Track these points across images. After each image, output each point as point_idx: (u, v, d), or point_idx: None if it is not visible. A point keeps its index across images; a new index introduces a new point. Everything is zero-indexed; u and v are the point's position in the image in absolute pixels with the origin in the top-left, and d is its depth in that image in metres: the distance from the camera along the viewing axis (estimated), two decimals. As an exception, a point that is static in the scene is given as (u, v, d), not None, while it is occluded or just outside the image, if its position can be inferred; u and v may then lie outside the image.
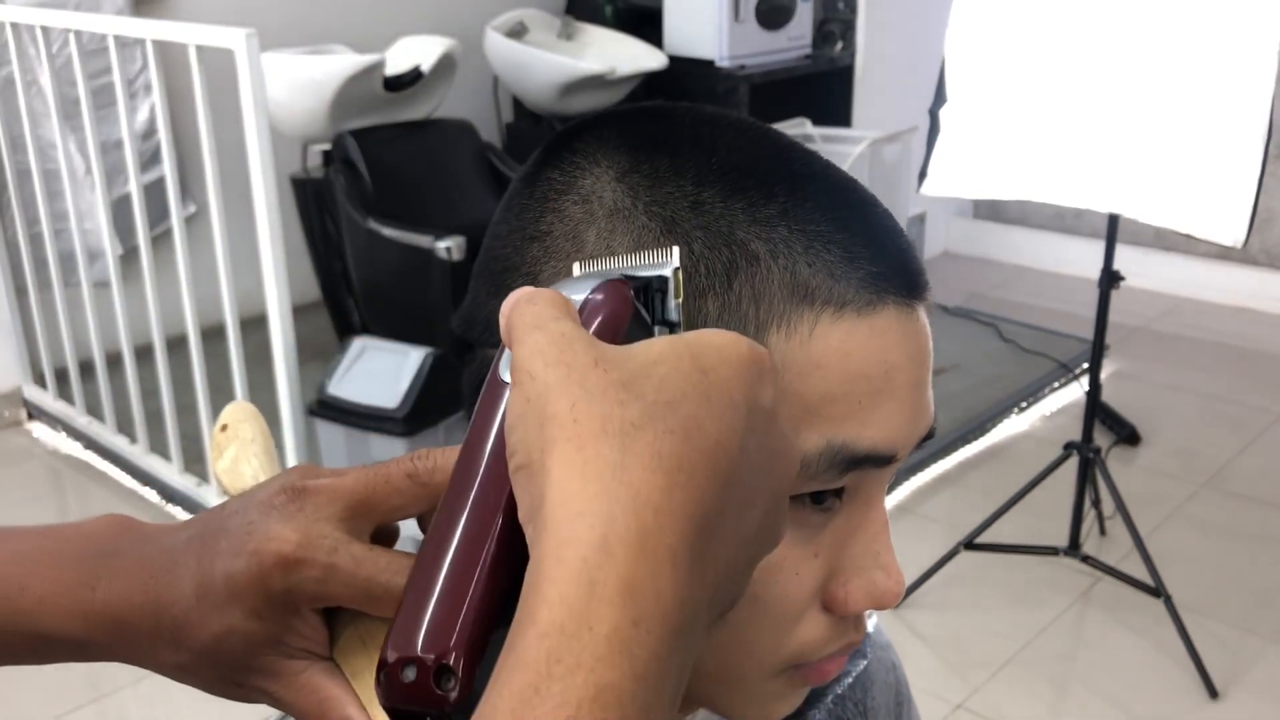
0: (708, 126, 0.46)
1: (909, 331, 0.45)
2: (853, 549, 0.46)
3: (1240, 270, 4.17)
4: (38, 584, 0.48)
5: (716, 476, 0.34)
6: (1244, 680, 2.28)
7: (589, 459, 0.34)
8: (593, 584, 0.32)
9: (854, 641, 0.48)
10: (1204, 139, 1.95)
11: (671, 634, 0.33)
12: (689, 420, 0.35)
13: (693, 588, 0.34)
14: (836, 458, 0.43)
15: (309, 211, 3.45)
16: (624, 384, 0.35)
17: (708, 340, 0.38)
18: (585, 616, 0.32)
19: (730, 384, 0.36)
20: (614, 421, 0.34)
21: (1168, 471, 3.07)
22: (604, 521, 0.33)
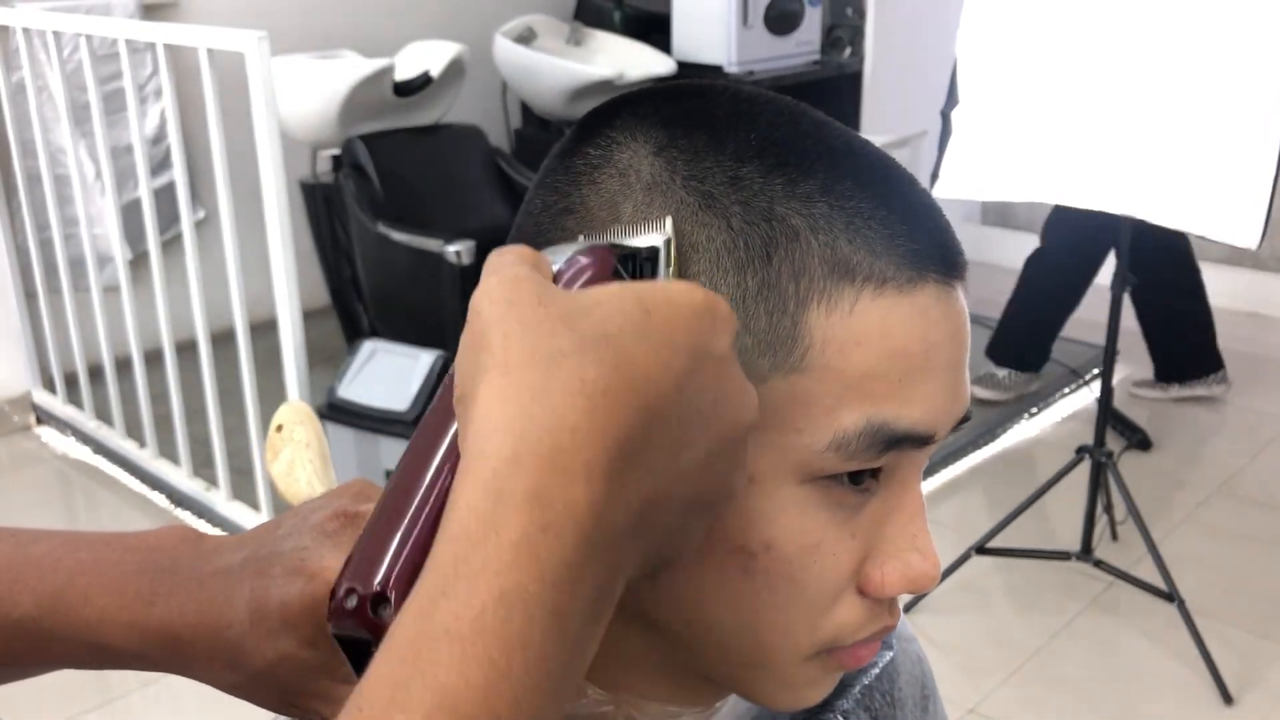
0: (746, 103, 0.46)
1: (948, 311, 0.44)
2: (889, 531, 0.45)
3: (1251, 275, 4.16)
4: (99, 595, 0.49)
5: (644, 408, 0.35)
6: (1259, 685, 2.26)
7: (513, 383, 0.35)
8: (500, 493, 0.33)
9: (889, 625, 0.47)
10: (1218, 141, 1.94)
11: (584, 543, 0.33)
12: (620, 353, 0.35)
13: (611, 505, 0.34)
14: (876, 436, 0.43)
15: (318, 216, 3.46)
16: (561, 318, 0.36)
17: (660, 286, 0.39)
18: (492, 522, 0.33)
19: (673, 326, 0.37)
20: (542, 350, 0.35)
21: (1179, 477, 3.05)
22: (516, 437, 0.34)
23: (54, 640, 0.49)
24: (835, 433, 0.42)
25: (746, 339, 0.42)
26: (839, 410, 0.42)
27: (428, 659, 0.32)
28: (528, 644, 0.32)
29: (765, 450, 0.43)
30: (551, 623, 0.33)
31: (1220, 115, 1.94)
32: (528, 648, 0.32)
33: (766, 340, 0.42)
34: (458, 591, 0.32)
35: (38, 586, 0.49)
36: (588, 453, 0.34)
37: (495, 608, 0.32)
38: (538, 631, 0.32)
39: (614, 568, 0.35)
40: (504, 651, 0.32)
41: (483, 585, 0.32)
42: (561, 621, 0.33)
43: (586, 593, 0.34)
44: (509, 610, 0.32)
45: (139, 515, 2.86)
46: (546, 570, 0.33)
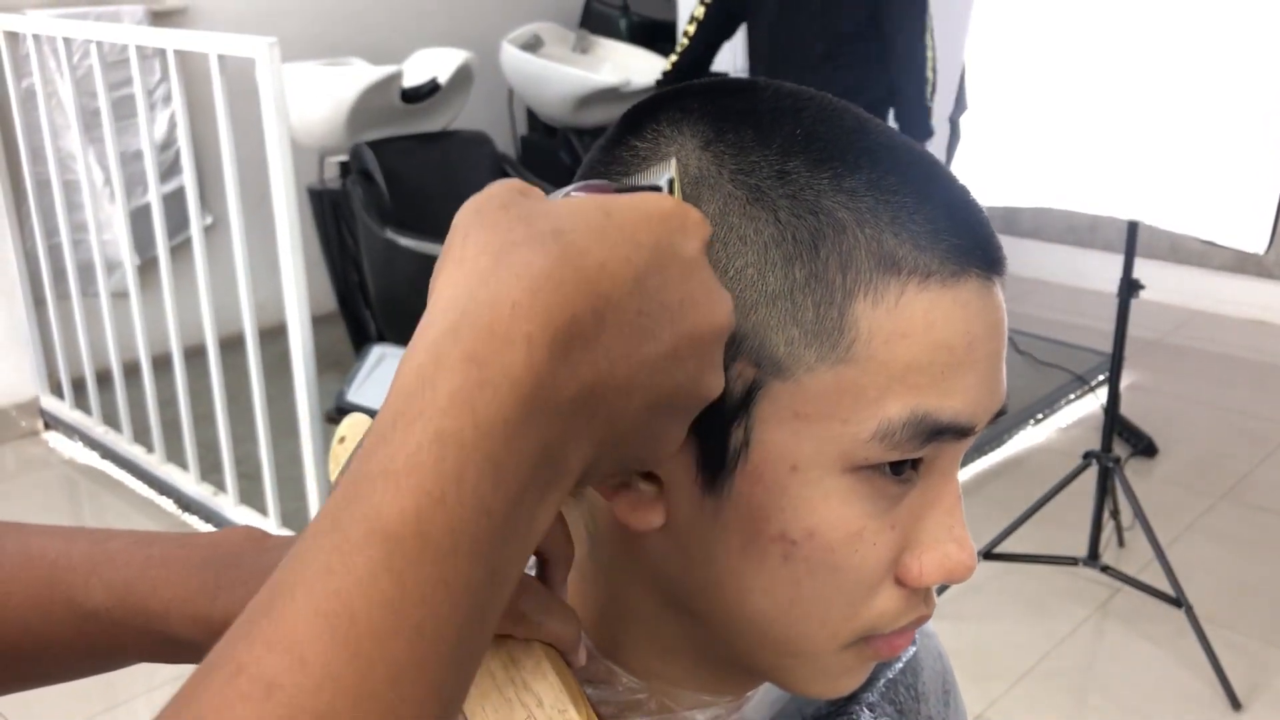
0: (789, 99, 0.46)
1: (989, 305, 0.45)
2: (927, 522, 0.46)
3: (1256, 283, 4.17)
4: (166, 588, 0.51)
5: (596, 294, 0.36)
6: (1267, 691, 2.26)
7: (464, 270, 0.36)
8: (439, 356, 0.34)
9: (925, 615, 0.48)
10: (1225, 147, 1.95)
11: (522, 403, 0.34)
12: (572, 245, 0.36)
13: (554, 375, 0.35)
14: (920, 426, 0.43)
15: (326, 222, 3.47)
16: (521, 217, 0.37)
17: (627, 196, 0.40)
18: (430, 379, 0.34)
19: (635, 226, 0.38)
20: (496, 243, 0.36)
21: (1186, 483, 3.06)
22: (458, 312, 0.35)
23: (125, 630, 0.51)
24: (880, 423, 0.43)
25: (794, 330, 0.43)
26: (884, 401, 0.43)
27: (364, 493, 0.33)
28: (462, 480, 0.33)
29: (810, 439, 0.43)
30: (487, 468, 0.33)
31: (1227, 121, 1.95)
32: (462, 484, 0.33)
33: (813, 331, 0.43)
34: (394, 436, 0.33)
35: (111, 579, 0.51)
36: (528, 326, 0.35)
37: (430, 446, 0.33)
38: (472, 472, 0.33)
39: (561, 437, 0.36)
40: (437, 484, 0.32)
41: (418, 428, 0.33)
42: (499, 471, 0.33)
43: (528, 451, 0.34)
44: (443, 449, 0.33)
45: (146, 520, 2.86)
46: (482, 420, 0.33)
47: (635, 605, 0.50)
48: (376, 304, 3.37)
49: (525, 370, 0.34)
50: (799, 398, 0.43)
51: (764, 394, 0.43)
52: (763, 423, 0.44)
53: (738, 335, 0.43)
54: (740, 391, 0.44)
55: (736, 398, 0.44)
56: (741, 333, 0.43)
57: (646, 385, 0.38)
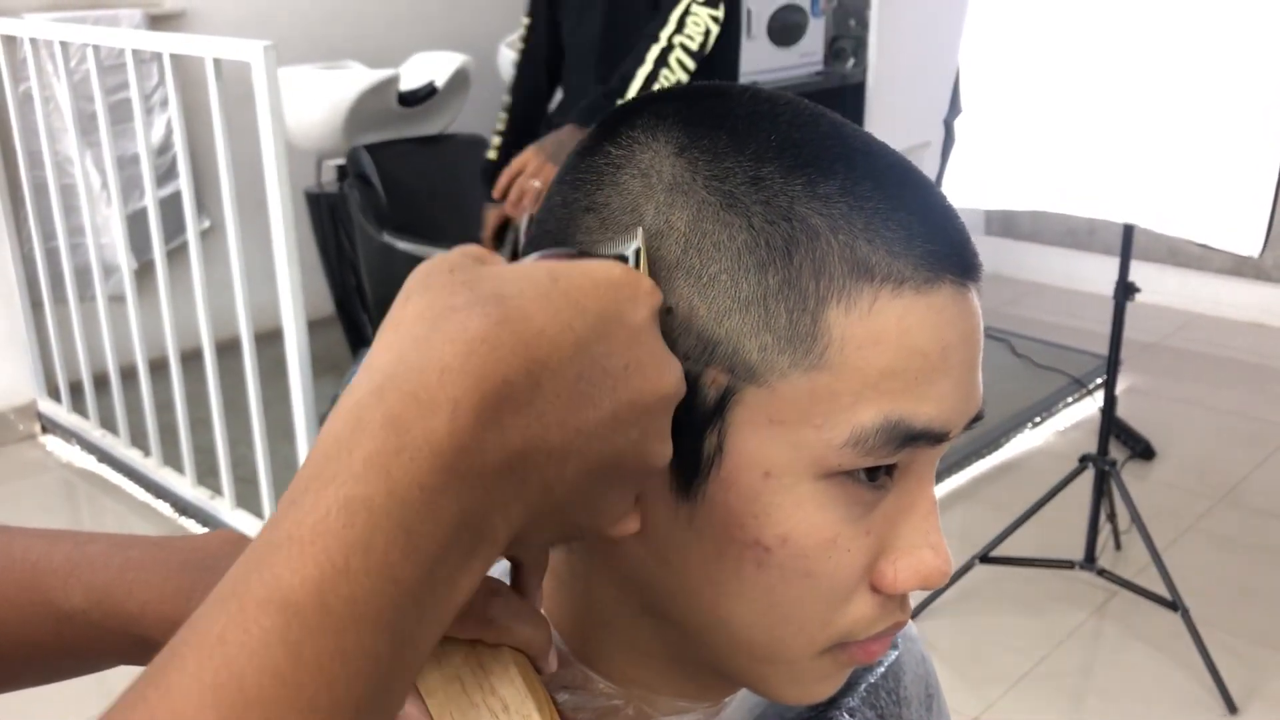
0: (765, 104, 0.46)
1: (963, 311, 0.45)
2: (902, 528, 0.46)
3: (1254, 286, 4.17)
4: (142, 590, 0.51)
5: (530, 358, 0.36)
6: (1263, 695, 2.26)
7: (400, 334, 0.36)
8: (359, 420, 0.34)
9: (900, 621, 0.48)
10: (1220, 150, 1.95)
11: (443, 469, 0.33)
12: (514, 310, 0.36)
13: (480, 442, 0.34)
14: (894, 432, 0.43)
15: (323, 226, 3.47)
16: (465, 282, 0.37)
17: (578, 263, 0.40)
18: (346, 444, 0.34)
19: (581, 292, 0.38)
20: (436, 307, 0.36)
21: (1183, 486, 3.05)
22: (385, 375, 0.35)
23: (102, 632, 0.52)
24: (853, 429, 0.43)
25: (767, 336, 0.43)
26: (857, 407, 0.43)
27: (267, 560, 0.32)
28: (370, 549, 0.32)
29: (784, 445, 0.43)
30: (399, 535, 0.32)
31: (1222, 123, 1.95)
32: (369, 552, 0.32)
33: (787, 337, 0.43)
34: (304, 501, 0.33)
35: (90, 581, 0.52)
36: (455, 390, 0.34)
37: (338, 513, 0.32)
38: (381, 540, 0.32)
39: (485, 504, 0.35)
40: (342, 552, 0.32)
41: (328, 494, 0.33)
42: (412, 539, 0.33)
43: (445, 518, 0.34)
44: (351, 516, 0.32)
45: (143, 524, 2.86)
46: (397, 487, 0.33)
47: (611, 611, 0.50)
48: (374, 308, 3.37)
49: (447, 436, 0.34)
50: (773, 404, 0.43)
51: (737, 400, 0.43)
52: (736, 429, 0.44)
53: (711, 341, 0.43)
54: (714, 398, 0.44)
55: (710, 404, 0.44)
56: (715, 339, 0.43)
57: (584, 451, 0.37)
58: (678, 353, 0.43)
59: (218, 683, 0.30)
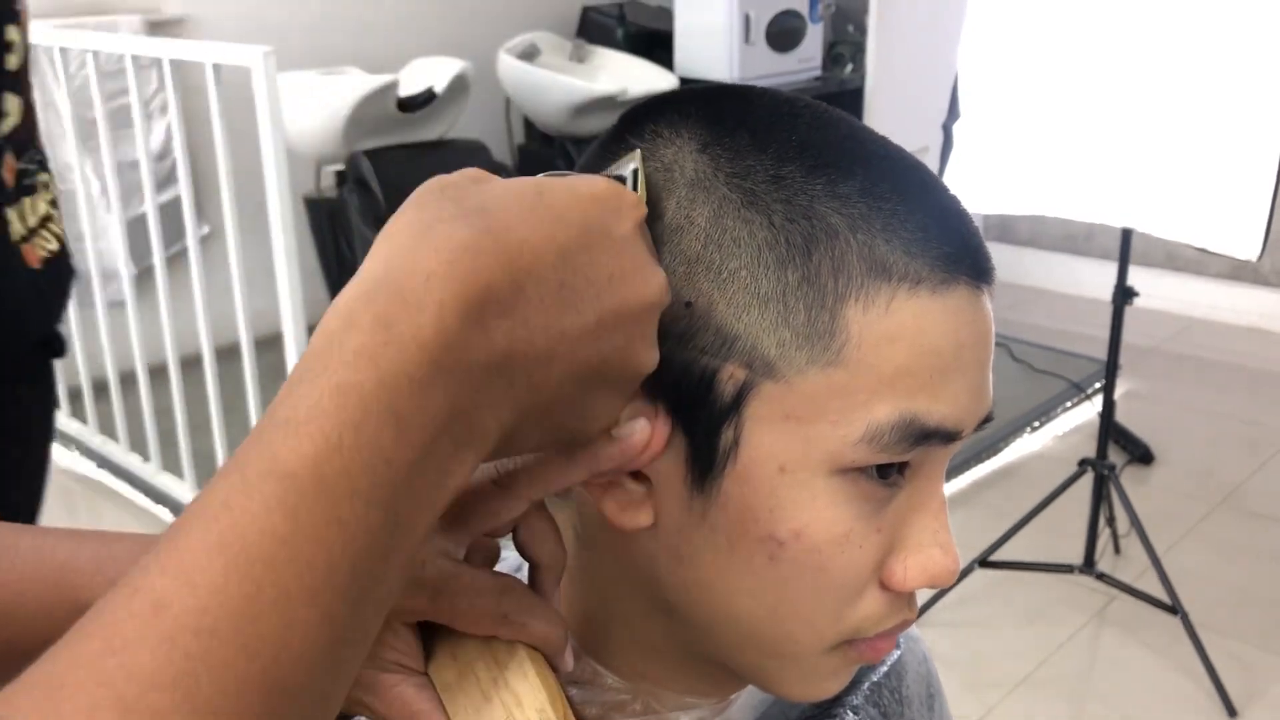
0: (785, 105, 0.47)
1: (977, 313, 0.46)
2: (912, 526, 0.47)
3: (1252, 291, 4.17)
4: None
5: (512, 265, 0.37)
6: (1263, 698, 2.26)
7: (389, 244, 0.38)
8: (350, 317, 0.36)
9: (908, 619, 0.48)
10: (1218, 154, 1.95)
11: (429, 363, 0.35)
12: (497, 221, 0.38)
13: (466, 339, 0.36)
14: (908, 430, 0.44)
15: (322, 231, 3.47)
16: (453, 198, 0.39)
17: (564, 178, 0.41)
18: (338, 338, 0.35)
19: (565, 205, 0.40)
20: (424, 220, 0.38)
21: (1182, 490, 3.06)
22: (373, 280, 0.37)
23: None
24: (869, 425, 0.44)
25: (785, 332, 0.44)
26: (872, 404, 0.44)
27: (266, 439, 0.34)
28: (361, 429, 0.34)
29: (799, 441, 0.44)
30: (388, 419, 0.34)
31: (1220, 128, 1.95)
32: (360, 430, 0.34)
33: (804, 334, 0.44)
34: (299, 389, 0.35)
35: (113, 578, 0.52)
36: (440, 293, 0.36)
37: (331, 396, 0.34)
38: (373, 422, 0.34)
39: (473, 400, 0.37)
40: (335, 430, 0.34)
41: (321, 382, 0.34)
42: (401, 423, 0.34)
43: (434, 409, 0.35)
44: (343, 399, 0.34)
45: (143, 529, 2.86)
46: (386, 376, 0.34)
47: (622, 606, 0.51)
48: (373, 313, 3.38)
49: (434, 333, 0.35)
50: (789, 399, 0.44)
51: (754, 395, 0.44)
52: (753, 423, 0.44)
53: (730, 336, 0.44)
54: (731, 392, 0.44)
55: (728, 398, 0.44)
56: (734, 334, 0.44)
57: (569, 355, 0.39)
58: (695, 347, 0.44)
59: (223, 542, 0.32)
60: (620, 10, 4.32)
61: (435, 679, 0.46)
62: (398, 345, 0.35)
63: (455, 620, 0.45)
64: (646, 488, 0.46)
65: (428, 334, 0.35)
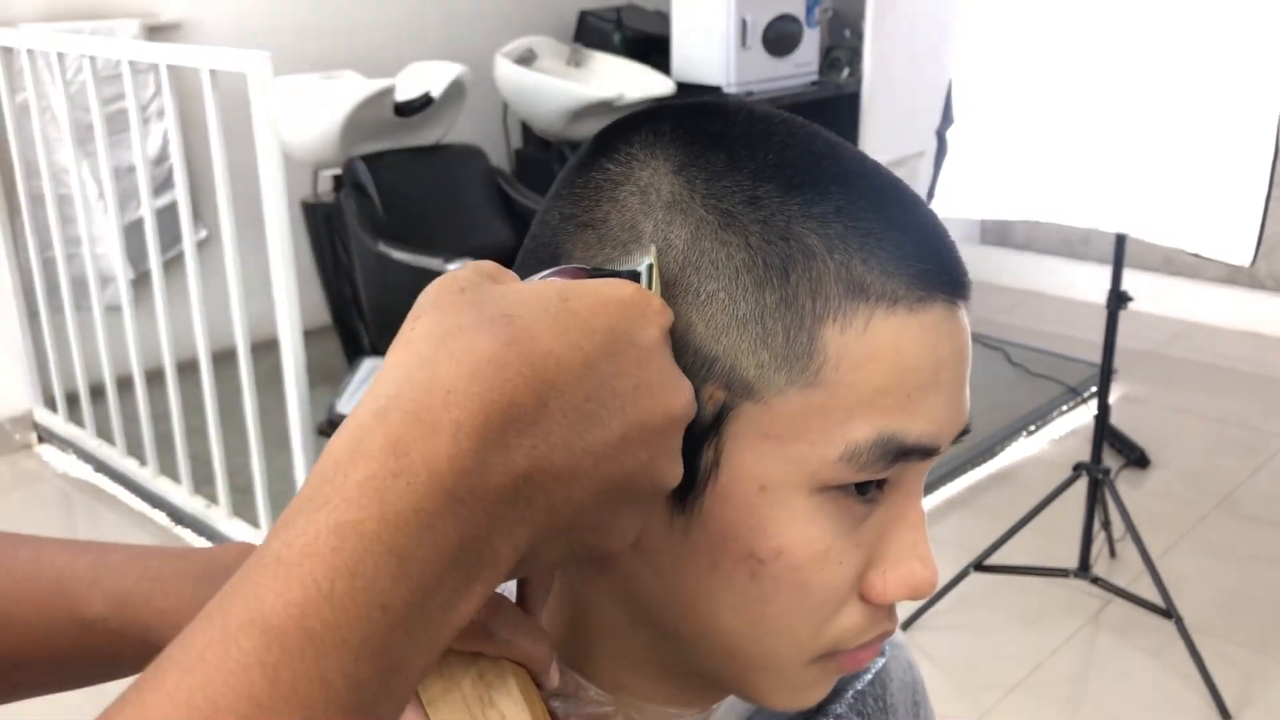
0: (762, 123, 0.47)
1: (954, 329, 0.46)
2: (891, 540, 0.47)
3: (1248, 295, 4.18)
4: (160, 599, 0.52)
5: (540, 380, 0.36)
6: (1257, 702, 2.27)
7: (407, 354, 0.36)
8: (360, 442, 0.34)
9: (888, 630, 0.49)
10: (1211, 160, 1.96)
11: (441, 494, 0.33)
12: (522, 330, 0.36)
13: (483, 464, 0.34)
14: (886, 448, 0.44)
15: (319, 235, 3.47)
16: (473, 303, 0.37)
17: (587, 281, 0.40)
18: (344, 466, 0.33)
19: (591, 312, 0.38)
20: (445, 326, 0.36)
21: (1178, 494, 3.06)
22: (388, 396, 0.35)
23: (121, 640, 0.53)
24: (847, 445, 0.44)
25: (764, 353, 0.44)
26: (851, 423, 0.44)
27: (253, 581, 0.32)
28: (357, 574, 0.32)
29: (779, 460, 0.44)
30: (389, 560, 0.32)
31: (1213, 133, 1.96)
32: (356, 576, 0.32)
33: (783, 355, 0.44)
34: (296, 523, 0.33)
35: (110, 589, 0.53)
36: (459, 413, 0.34)
37: (327, 537, 0.32)
38: (370, 565, 0.32)
39: (486, 528, 0.35)
40: (328, 575, 0.31)
41: (319, 517, 0.32)
42: (404, 564, 0.32)
43: (442, 543, 0.33)
44: (341, 540, 0.32)
45: (140, 533, 2.86)
46: (390, 512, 0.33)
47: (604, 619, 0.51)
48: (370, 317, 3.38)
49: (448, 460, 0.34)
50: (768, 419, 0.44)
51: (734, 415, 0.44)
52: (733, 443, 0.44)
53: (709, 357, 0.44)
54: (711, 413, 0.44)
55: (707, 419, 0.44)
56: (713, 355, 0.44)
57: (591, 472, 0.37)
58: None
59: (192, 703, 0.30)
60: (617, 15, 4.33)
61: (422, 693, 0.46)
62: (408, 476, 0.33)
63: None
64: None
65: (441, 460, 0.33)
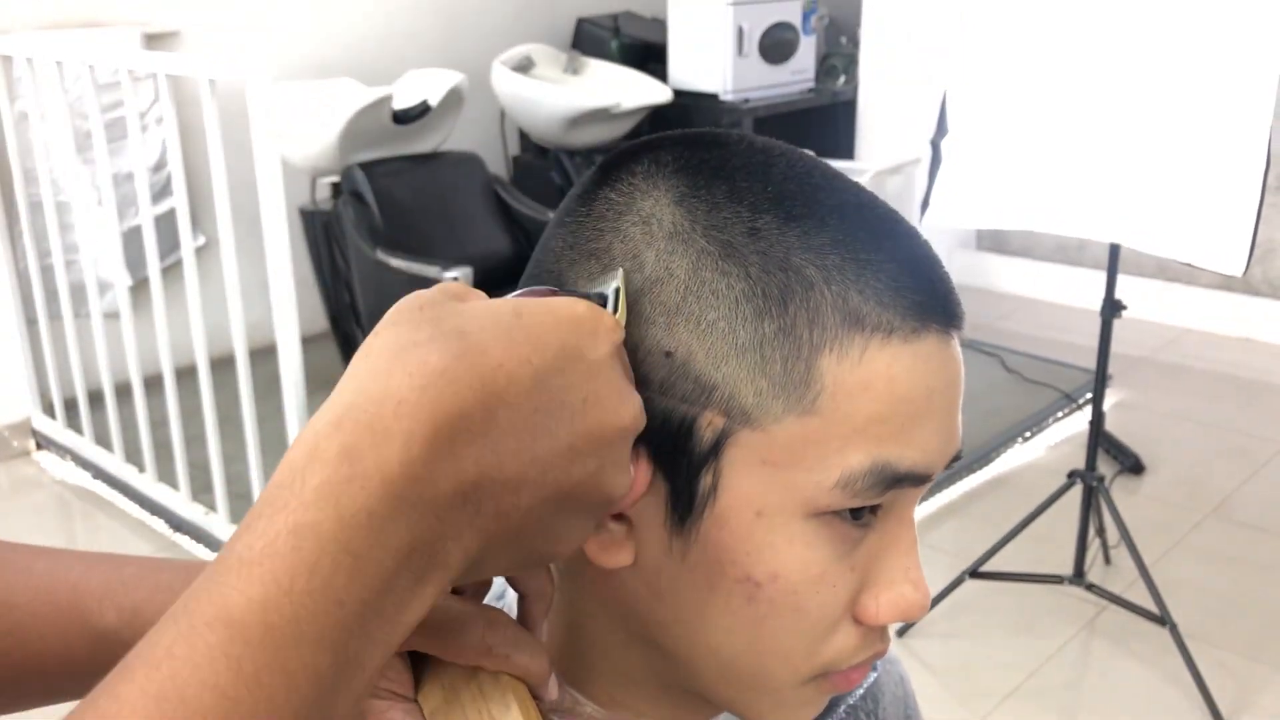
0: (761, 155, 0.48)
1: (947, 359, 0.47)
2: (884, 564, 0.48)
3: (1243, 301, 4.19)
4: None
5: (486, 392, 0.37)
6: (1251, 709, 2.28)
7: (364, 366, 0.38)
8: (315, 450, 0.36)
9: (880, 651, 0.50)
10: (1203, 169, 1.97)
11: (393, 497, 0.35)
12: (474, 345, 0.38)
13: (433, 471, 0.36)
14: (880, 476, 0.45)
15: (317, 243, 3.48)
16: (431, 319, 0.39)
17: (543, 298, 0.42)
18: (301, 472, 0.35)
19: (543, 328, 0.40)
20: (400, 341, 0.38)
21: (1172, 501, 3.07)
22: (343, 407, 0.37)
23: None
24: (843, 472, 0.45)
25: (762, 381, 0.45)
26: (846, 451, 0.45)
27: (217, 580, 0.34)
28: (315, 572, 0.34)
29: (776, 486, 0.45)
30: (345, 560, 0.34)
31: (1205, 144, 1.97)
32: (314, 574, 0.34)
33: (781, 384, 0.45)
34: (257, 525, 0.35)
35: (123, 602, 0.54)
36: (409, 422, 0.36)
37: (287, 537, 0.34)
38: (328, 563, 0.34)
39: (436, 531, 0.37)
40: (288, 573, 0.33)
41: (279, 519, 0.34)
42: (359, 563, 0.34)
43: (395, 545, 0.35)
44: (299, 540, 0.34)
45: (138, 540, 2.87)
46: (345, 514, 0.34)
47: (602, 637, 0.52)
48: (368, 324, 3.39)
49: (399, 466, 0.35)
50: (766, 446, 0.45)
51: (732, 442, 0.45)
52: (731, 469, 0.45)
53: (708, 385, 0.45)
54: (710, 439, 0.45)
55: (706, 445, 0.45)
56: (712, 383, 0.45)
57: (539, 482, 0.39)
58: (675, 395, 0.45)
59: (161, 694, 0.31)
60: (615, 22, 4.34)
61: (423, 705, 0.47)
62: (361, 480, 0.35)
63: (443, 652, 0.46)
64: (627, 528, 0.48)
65: (393, 466, 0.35)
